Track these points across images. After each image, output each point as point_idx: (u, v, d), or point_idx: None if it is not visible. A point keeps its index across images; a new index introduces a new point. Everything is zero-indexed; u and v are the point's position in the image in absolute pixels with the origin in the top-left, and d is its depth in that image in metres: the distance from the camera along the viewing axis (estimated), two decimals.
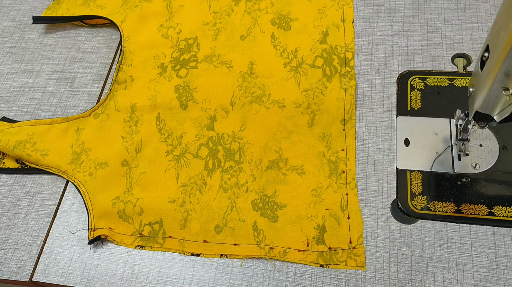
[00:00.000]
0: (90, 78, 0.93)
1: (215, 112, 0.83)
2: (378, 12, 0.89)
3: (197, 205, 0.76)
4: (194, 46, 0.91)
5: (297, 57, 0.86)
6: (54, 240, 0.78)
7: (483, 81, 0.56)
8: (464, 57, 0.81)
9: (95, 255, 0.75)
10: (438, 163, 0.72)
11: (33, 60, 0.99)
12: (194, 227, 0.74)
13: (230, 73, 0.87)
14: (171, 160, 0.81)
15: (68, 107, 0.91)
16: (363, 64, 0.84)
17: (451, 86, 0.78)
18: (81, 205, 0.80)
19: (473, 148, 0.72)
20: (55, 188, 0.83)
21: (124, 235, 0.76)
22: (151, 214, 0.76)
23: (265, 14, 0.92)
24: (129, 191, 0.79)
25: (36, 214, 0.81)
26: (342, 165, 0.75)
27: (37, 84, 0.95)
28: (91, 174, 0.81)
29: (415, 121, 0.76)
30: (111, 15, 0.98)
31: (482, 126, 0.61)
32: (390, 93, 0.80)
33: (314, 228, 0.71)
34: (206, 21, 0.94)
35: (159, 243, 0.74)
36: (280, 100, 0.82)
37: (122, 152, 0.82)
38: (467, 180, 0.70)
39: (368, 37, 0.87)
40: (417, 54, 0.83)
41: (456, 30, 0.84)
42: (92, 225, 0.76)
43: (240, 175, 0.77)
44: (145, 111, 0.86)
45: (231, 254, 0.71)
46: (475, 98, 0.59)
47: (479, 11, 0.86)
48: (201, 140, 0.81)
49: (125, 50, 0.93)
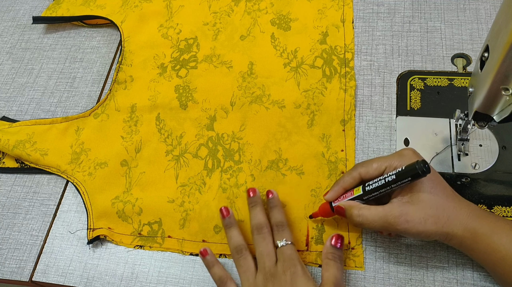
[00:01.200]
0: (90, 78, 0.93)
1: (215, 113, 0.83)
2: (378, 12, 0.89)
3: (196, 204, 0.76)
4: (194, 46, 0.91)
5: (296, 58, 0.86)
6: (54, 240, 0.78)
7: (482, 81, 0.56)
8: (464, 57, 0.81)
9: (95, 255, 0.75)
10: (437, 162, 0.72)
11: (33, 60, 0.99)
12: (193, 226, 0.74)
13: (230, 73, 0.87)
14: (171, 160, 0.81)
15: (68, 107, 0.91)
16: (363, 64, 0.84)
17: (450, 86, 0.78)
18: (81, 205, 0.80)
19: (472, 148, 0.72)
20: (55, 188, 0.83)
21: (123, 235, 0.76)
22: (150, 214, 0.76)
23: (265, 14, 0.92)
24: (129, 191, 0.79)
25: (36, 214, 0.81)
26: (342, 165, 0.75)
27: (37, 84, 0.95)
28: (90, 174, 0.81)
29: (415, 122, 0.76)
30: (111, 15, 0.97)
31: (481, 126, 0.61)
32: (390, 93, 0.80)
33: (313, 228, 0.71)
34: (206, 21, 0.94)
35: (158, 242, 0.74)
36: (280, 100, 0.82)
37: (121, 151, 0.82)
38: (466, 180, 0.70)
39: (368, 37, 0.87)
40: (417, 54, 0.83)
41: (456, 30, 0.84)
42: (91, 225, 0.76)
43: (240, 175, 0.77)
44: (145, 111, 0.86)
45: (230, 253, 0.71)
46: (475, 98, 0.59)
47: (478, 11, 0.86)
48: (200, 140, 0.81)
49: (125, 50, 0.93)
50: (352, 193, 0.64)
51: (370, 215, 0.60)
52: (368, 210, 0.61)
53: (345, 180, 0.65)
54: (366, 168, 0.63)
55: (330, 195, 0.66)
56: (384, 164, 0.62)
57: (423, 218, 0.58)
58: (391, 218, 0.59)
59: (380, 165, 0.63)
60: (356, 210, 0.61)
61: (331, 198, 0.66)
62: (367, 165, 0.64)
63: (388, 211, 0.59)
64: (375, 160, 0.64)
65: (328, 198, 0.66)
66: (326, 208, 0.67)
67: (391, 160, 0.62)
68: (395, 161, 0.62)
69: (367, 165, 0.64)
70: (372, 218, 0.60)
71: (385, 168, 0.62)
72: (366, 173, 0.63)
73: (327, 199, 0.66)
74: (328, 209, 0.67)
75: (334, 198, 0.66)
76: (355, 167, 0.65)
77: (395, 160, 0.62)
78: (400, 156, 0.62)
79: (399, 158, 0.62)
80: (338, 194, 0.66)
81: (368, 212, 0.60)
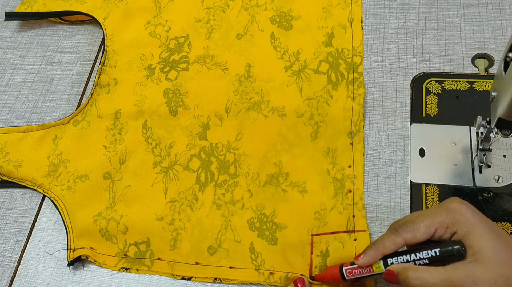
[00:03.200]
0: (69, 81, 0.94)
1: (208, 120, 0.84)
2: (390, 8, 0.90)
3: (187, 223, 0.76)
4: (185, 46, 0.92)
5: (299, 61, 0.86)
6: (29, 261, 0.78)
7: (507, 85, 0.56)
8: (486, 58, 0.82)
9: (75, 278, 0.75)
10: (456, 175, 0.72)
11: (5, 61, 0.99)
12: (184, 247, 0.75)
13: (225, 76, 0.87)
14: (159, 172, 0.81)
15: (45, 114, 0.91)
16: (373, 66, 0.84)
17: (471, 90, 0.79)
18: (59, 223, 0.80)
19: (495, 159, 0.72)
20: (30, 203, 0.83)
21: (107, 256, 0.76)
22: (137, 233, 0.77)
23: (264, 11, 0.93)
24: (112, 206, 0.79)
25: (9, 233, 0.81)
26: (349, 183, 0.75)
27: (10, 88, 0.95)
28: (69, 188, 0.81)
29: (431, 129, 0.77)
30: (92, 10, 0.98)
31: (505, 134, 0.61)
32: (403, 98, 0.81)
33: (317, 255, 0.71)
34: (199, 18, 0.94)
35: (146, 265, 0.74)
36: (280, 108, 0.82)
37: (104, 163, 0.82)
38: (489, 194, 0.70)
39: (379, 36, 0.87)
40: (434, 55, 0.83)
41: (477, 27, 0.85)
42: (71, 245, 0.76)
43: (236, 190, 0.77)
44: (131, 118, 0.86)
45: (227, 278, 0.71)
46: (498, 103, 0.60)
47: (502, 6, 0.86)
48: (192, 150, 0.81)
49: (108, 50, 0.93)
50: (371, 269, 0.61)
51: (431, 277, 0.57)
52: (428, 272, 0.57)
53: (385, 245, 0.61)
54: (413, 233, 0.59)
55: (364, 259, 0.62)
56: (433, 225, 0.59)
57: (492, 279, 0.55)
58: (456, 280, 0.55)
59: (429, 227, 0.59)
60: (412, 272, 0.58)
61: (365, 263, 0.62)
62: (412, 227, 0.60)
63: (451, 273, 0.56)
64: (420, 219, 0.60)
65: (361, 264, 0.62)
66: (335, 274, 0.65)
67: (439, 217, 0.59)
68: (446, 219, 0.58)
69: (412, 227, 0.60)
70: (433, 280, 0.57)
71: (435, 230, 0.59)
72: (412, 238, 0.59)
73: (360, 264, 0.62)
74: (338, 275, 0.65)
75: (369, 263, 0.62)
76: (396, 230, 0.61)
77: (444, 217, 0.58)
78: (449, 212, 0.58)
79: (448, 214, 0.58)
80: (375, 259, 0.62)
81: (428, 275, 0.57)
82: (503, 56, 0.59)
